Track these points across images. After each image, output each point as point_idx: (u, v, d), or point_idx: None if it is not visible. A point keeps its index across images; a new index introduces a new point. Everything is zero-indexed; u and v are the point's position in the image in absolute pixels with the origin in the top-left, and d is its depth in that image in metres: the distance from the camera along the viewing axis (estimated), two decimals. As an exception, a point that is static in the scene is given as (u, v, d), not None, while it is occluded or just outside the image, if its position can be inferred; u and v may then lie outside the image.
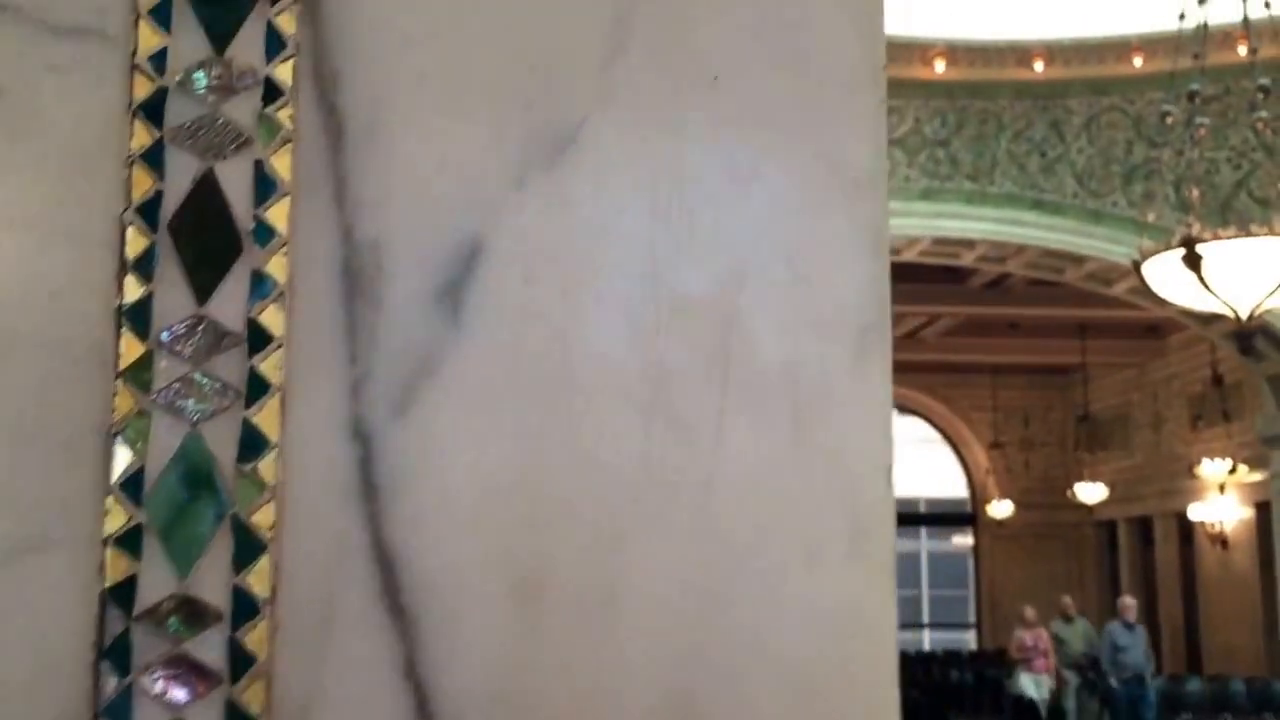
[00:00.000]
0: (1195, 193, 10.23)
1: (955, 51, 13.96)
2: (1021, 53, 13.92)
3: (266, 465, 0.98)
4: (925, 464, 27.59)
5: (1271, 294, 8.97)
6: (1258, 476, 17.33)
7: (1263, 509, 17.37)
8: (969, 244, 15.53)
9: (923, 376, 25.19)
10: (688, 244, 1.04)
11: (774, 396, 1.02)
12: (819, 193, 1.05)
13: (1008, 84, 14.25)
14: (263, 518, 0.98)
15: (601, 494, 1.00)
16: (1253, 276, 8.96)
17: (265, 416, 0.99)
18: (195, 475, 0.98)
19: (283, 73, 1.03)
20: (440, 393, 1.00)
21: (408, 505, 0.99)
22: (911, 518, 28.70)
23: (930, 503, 28.16)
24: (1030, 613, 16.12)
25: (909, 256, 16.01)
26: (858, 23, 1.07)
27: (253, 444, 0.99)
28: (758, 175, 1.06)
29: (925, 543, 28.95)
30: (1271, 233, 8.86)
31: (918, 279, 18.60)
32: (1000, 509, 24.01)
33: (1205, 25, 9.33)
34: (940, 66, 14.08)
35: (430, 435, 1.00)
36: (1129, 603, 15.22)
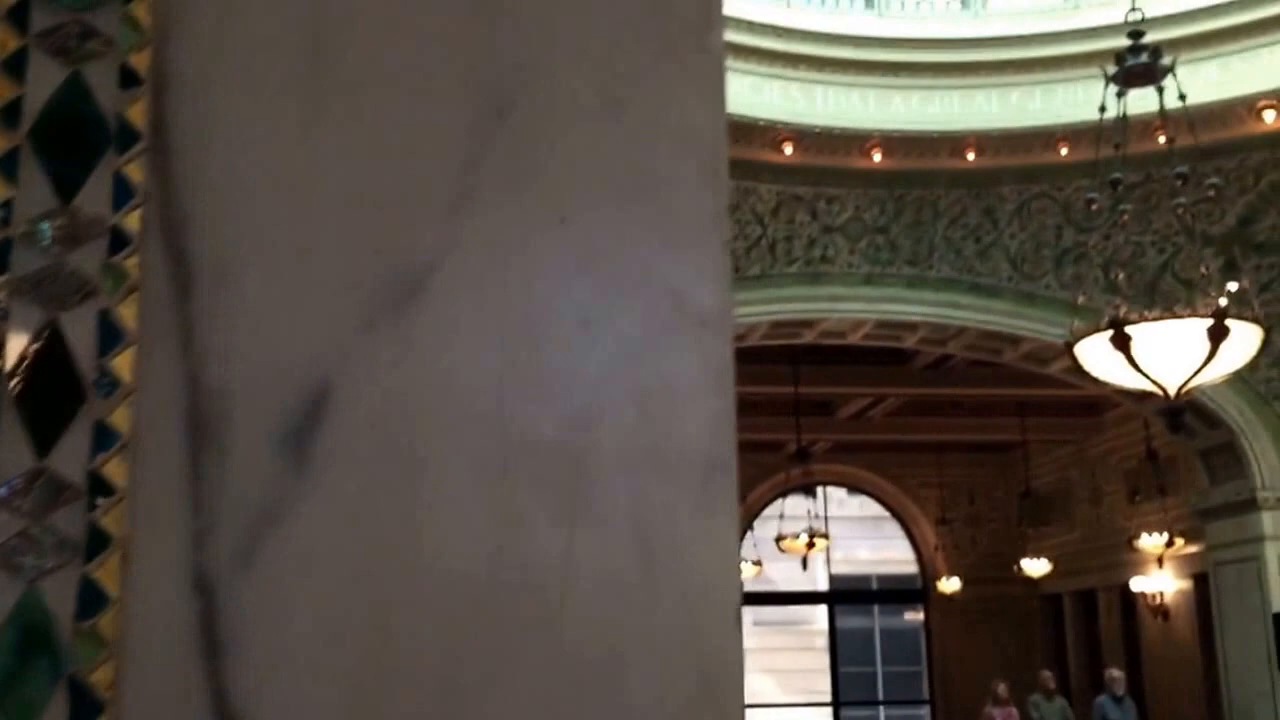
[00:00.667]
0: (1122, 276, 10.43)
1: (891, 142, 14.25)
2: (954, 143, 14.23)
3: (106, 622, 0.97)
4: (876, 541, 27.62)
5: (1198, 372, 9.13)
6: (1194, 549, 17.54)
7: (1200, 580, 17.56)
8: (911, 327, 15.72)
9: (871, 455, 25.34)
10: (536, 387, 1.04)
11: (622, 537, 1.02)
12: (666, 333, 1.06)
13: (942, 173, 14.55)
14: (102, 676, 0.96)
15: (450, 640, 1.00)
16: (1179, 355, 9.12)
17: (106, 571, 0.98)
18: (32, 634, 0.96)
19: (131, 221, 1.04)
20: (285, 543, 1.00)
21: (252, 660, 0.98)
22: (864, 595, 28.64)
23: (882, 579, 28.14)
24: (1002, 688, 16.08)
25: (854, 340, 16.19)
26: (704, 166, 1.09)
27: (92, 600, 0.97)
28: (606, 317, 1.07)
29: (878, 619, 28.86)
30: (1195, 314, 9.05)
31: (864, 361, 18.77)
32: (949, 584, 24.14)
33: (1125, 117, 9.60)
34: (877, 157, 14.35)
35: (275, 587, 0.99)
36: (1116, 675, 15.23)
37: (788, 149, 14.18)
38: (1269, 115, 13.21)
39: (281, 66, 1.08)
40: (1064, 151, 13.73)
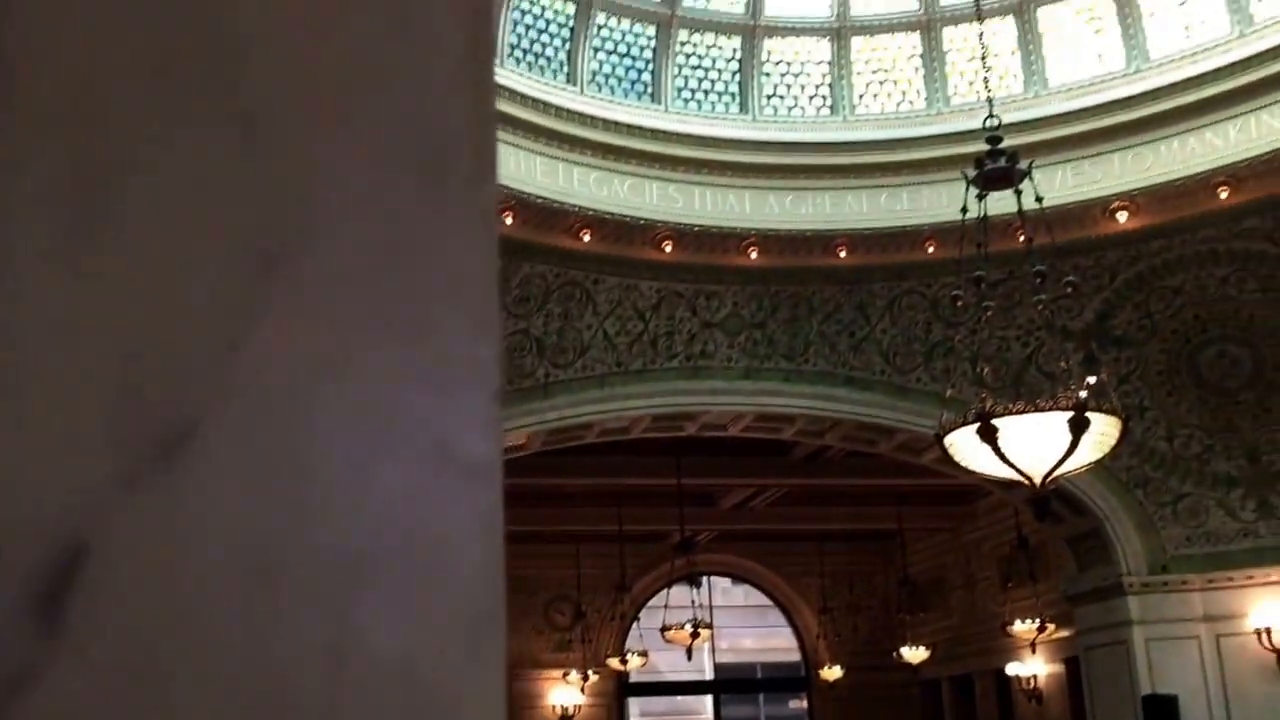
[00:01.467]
0: (987, 369, 10.73)
1: (767, 241, 14.53)
2: (827, 242, 14.57)
3: None
4: (760, 630, 27.63)
5: (1061, 462, 9.39)
6: (1065, 633, 17.92)
7: (1072, 664, 17.92)
8: (789, 419, 15.93)
9: (754, 545, 25.47)
10: (307, 539, 1.04)
11: (390, 689, 1.02)
12: (436, 482, 1.07)
13: (816, 270, 14.86)
14: None
15: (207, 804, 0.97)
16: (1043, 446, 9.39)
17: None
18: None
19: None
20: (34, 712, 0.97)
21: (-8, 831, 0.94)
22: (749, 683, 28.54)
23: (766, 668, 28.15)
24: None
25: (735, 432, 16.34)
26: (474, 315, 1.11)
27: None
28: (376, 466, 1.07)
29: (763, 708, 28.79)
30: (1057, 406, 9.32)
31: (745, 453, 18.94)
32: (832, 672, 24.30)
33: (985, 217, 9.95)
34: (754, 255, 14.63)
35: (21, 754, 0.96)
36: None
37: (668, 247, 14.39)
38: (1122, 216, 13.80)
39: (46, 202, 1.07)
40: (931, 249, 14.14)
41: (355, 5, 1.16)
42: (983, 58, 12.90)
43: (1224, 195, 13.39)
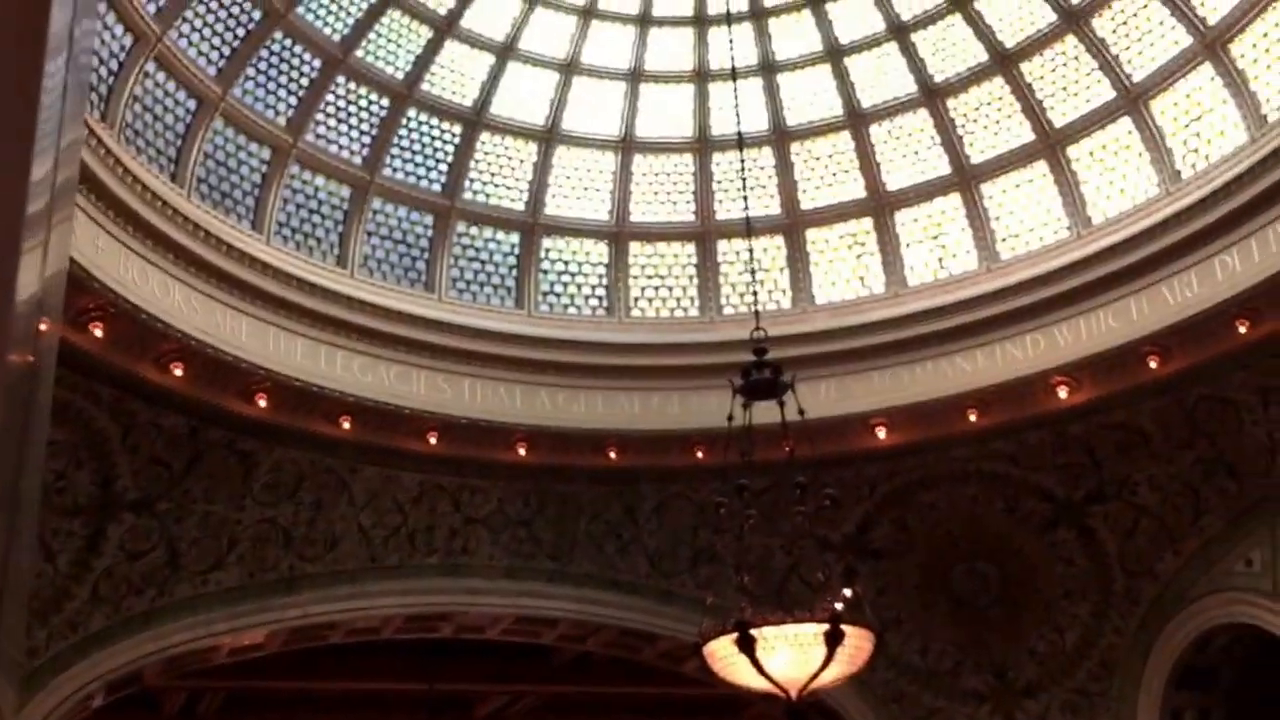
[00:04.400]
0: (748, 578, 10.62)
1: (537, 437, 14.33)
2: (597, 441, 14.48)
3: None
4: None
5: (816, 675, 9.29)
6: None
7: None
8: (551, 622, 15.47)
9: (509, 757, 24.19)
10: None
11: None
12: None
13: (585, 470, 14.71)
14: None
15: None
16: (799, 658, 9.29)
17: None
18: None
19: None
20: None
21: None
22: None
23: None
24: None
25: (493, 635, 15.73)
26: None
27: None
28: None
29: None
30: (814, 618, 9.27)
31: (500, 657, 18.22)
32: None
33: (750, 426, 10.04)
34: (523, 451, 14.38)
35: None
36: None
37: (433, 438, 14.02)
38: (881, 432, 14.22)
39: None
40: (700, 455, 14.21)
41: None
42: (752, 272, 13.34)
43: (973, 418, 13.98)
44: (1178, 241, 12.98)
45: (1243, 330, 12.59)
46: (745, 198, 12.76)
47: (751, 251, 12.76)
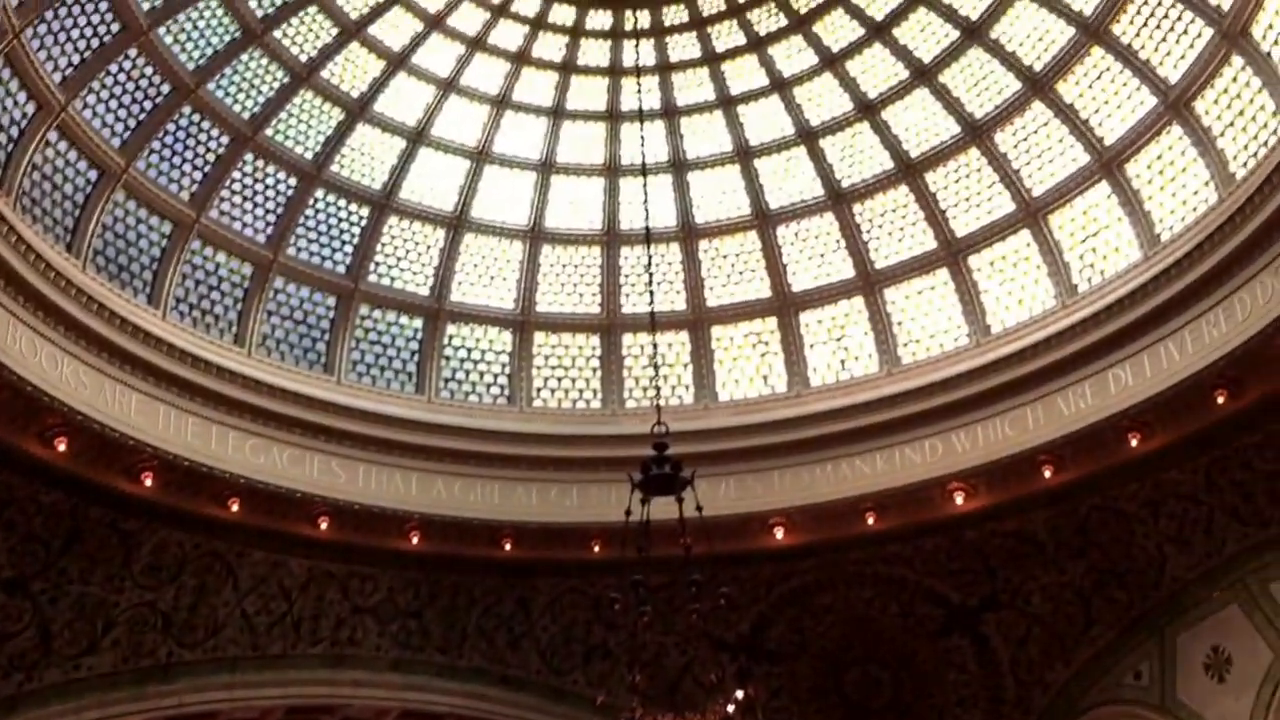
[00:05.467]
0: (640, 677, 10.41)
1: (431, 526, 14.06)
2: (493, 532, 14.24)
3: None
4: None
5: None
6: None
7: None
8: (438, 717, 15.07)
9: None
10: None
11: None
12: None
13: (479, 560, 14.44)
14: None
15: None
16: (688, 759, 9.09)
17: None
18: None
19: None
20: None
21: None
22: None
23: None
24: None
25: (378, 728, 15.27)
26: None
27: None
28: None
29: None
30: (704, 720, 9.10)
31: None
32: None
33: (648, 521, 9.92)
34: (416, 539, 14.09)
35: None
36: None
37: (324, 524, 13.68)
38: (779, 531, 14.18)
39: None
40: (597, 549, 14.05)
41: None
42: (656, 366, 13.33)
43: (871, 521, 14.01)
44: (1073, 354, 13.26)
45: (1134, 443, 12.84)
46: (651, 292, 12.82)
47: (656, 346, 12.77)
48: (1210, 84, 12.77)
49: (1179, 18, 12.86)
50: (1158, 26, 13.08)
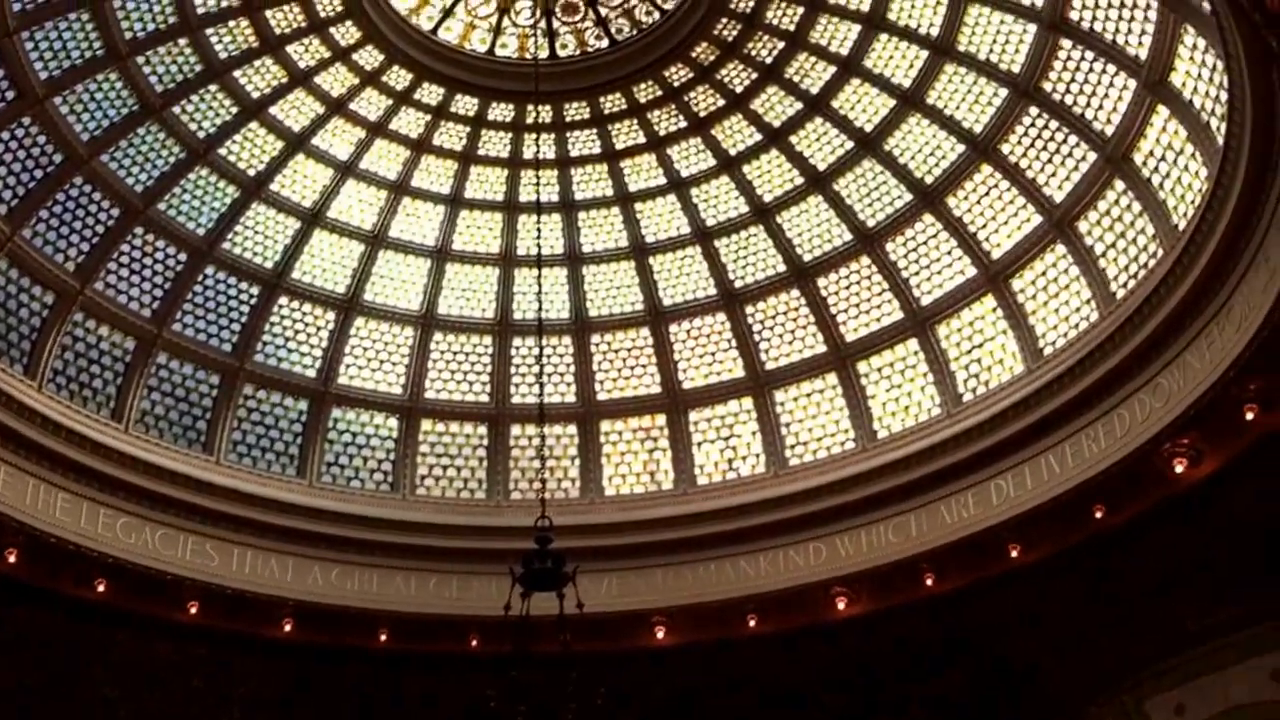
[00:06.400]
0: (514, 779, 10.14)
1: (304, 612, 13.66)
2: (369, 621, 13.86)
3: None
4: None
5: None
6: None
7: None
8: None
9: None
10: None
11: None
12: None
13: (354, 650, 14.02)
14: None
15: None
16: None
17: None
18: None
19: None
20: None
21: None
22: None
23: None
24: None
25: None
26: None
27: None
28: None
29: None
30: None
31: None
32: None
33: (527, 616, 9.76)
34: (289, 627, 13.67)
35: None
36: None
37: (194, 608, 13.23)
38: (660, 631, 14.02)
39: None
40: (475, 643, 13.77)
41: None
42: (543, 459, 13.21)
43: (753, 623, 13.91)
44: (957, 462, 13.44)
45: (1015, 554, 12.97)
46: (541, 384, 12.74)
47: (544, 438, 12.64)
48: (1093, 205, 13.22)
49: (1065, 140, 13.31)
50: (1044, 148, 13.54)
